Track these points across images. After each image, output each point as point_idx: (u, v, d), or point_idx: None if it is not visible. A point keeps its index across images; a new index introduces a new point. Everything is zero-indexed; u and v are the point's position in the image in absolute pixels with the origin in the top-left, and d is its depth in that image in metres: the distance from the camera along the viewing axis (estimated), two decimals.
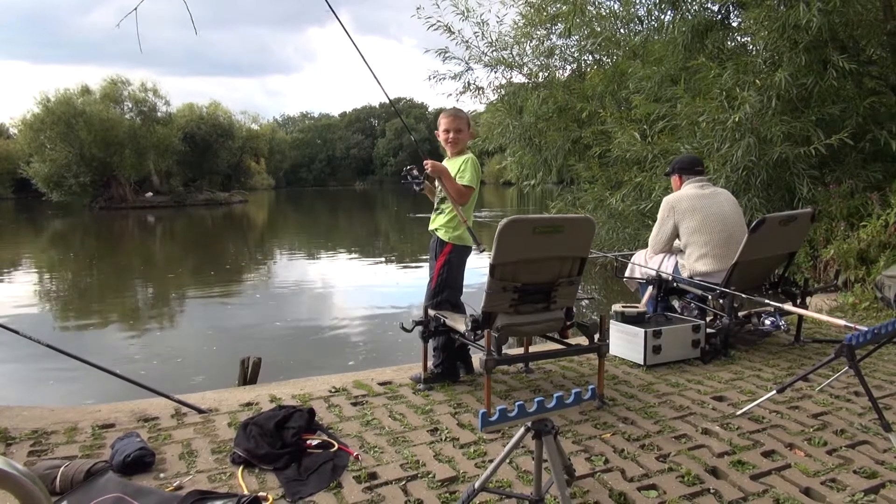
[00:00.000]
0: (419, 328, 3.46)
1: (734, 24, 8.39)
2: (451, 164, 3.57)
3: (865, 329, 2.58)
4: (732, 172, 6.69)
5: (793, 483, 2.33)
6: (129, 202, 36.46)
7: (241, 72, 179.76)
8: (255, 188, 54.42)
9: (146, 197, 37.77)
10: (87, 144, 34.81)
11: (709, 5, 8.35)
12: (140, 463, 2.48)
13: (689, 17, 8.14)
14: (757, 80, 6.55)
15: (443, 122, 3.62)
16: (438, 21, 10.18)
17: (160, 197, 38.16)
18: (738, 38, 8.35)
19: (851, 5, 6.42)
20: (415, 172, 3.64)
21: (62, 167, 34.77)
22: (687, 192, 4.25)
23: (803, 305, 4.17)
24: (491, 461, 2.45)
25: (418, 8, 10.11)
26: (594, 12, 9.86)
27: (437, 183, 3.63)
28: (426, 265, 3.87)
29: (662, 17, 9.18)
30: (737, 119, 6.35)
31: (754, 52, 7.17)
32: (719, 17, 8.25)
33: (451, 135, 3.58)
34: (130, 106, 38.04)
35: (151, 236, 23.86)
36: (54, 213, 32.52)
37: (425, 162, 3.43)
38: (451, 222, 3.56)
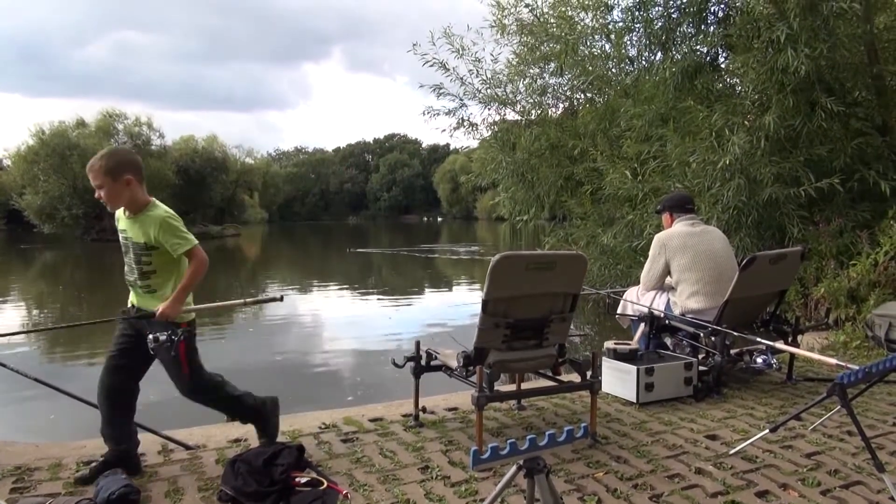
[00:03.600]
0: (410, 364, 3.44)
1: (723, 66, 8.55)
2: (133, 227, 2.83)
3: (857, 368, 2.59)
4: (723, 212, 6.75)
5: None
6: None
7: (236, 106, 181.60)
8: (248, 222, 54.47)
9: None
10: (81, 177, 34.71)
11: (697, 47, 8.52)
12: (125, 501, 2.43)
13: (679, 58, 8.30)
14: (746, 122, 6.65)
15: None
16: (434, 58, 10.32)
17: None
18: (727, 79, 8.50)
19: (837, 50, 6.58)
20: (161, 337, 2.66)
21: (55, 199, 34.76)
22: (678, 229, 4.28)
23: (795, 344, 4.17)
24: (482, 500, 2.41)
25: (415, 44, 10.25)
26: (586, 52, 10.04)
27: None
28: (418, 299, 3.86)
29: (652, 57, 9.36)
30: (727, 161, 6.44)
31: (743, 94, 7.30)
32: (708, 59, 8.41)
33: (98, 193, 2.77)
34: (125, 139, 38.23)
35: None
36: (28, 246, 32.23)
37: (157, 315, 2.70)
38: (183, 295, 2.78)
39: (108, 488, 2.44)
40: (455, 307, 12.12)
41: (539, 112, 10.78)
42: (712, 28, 8.55)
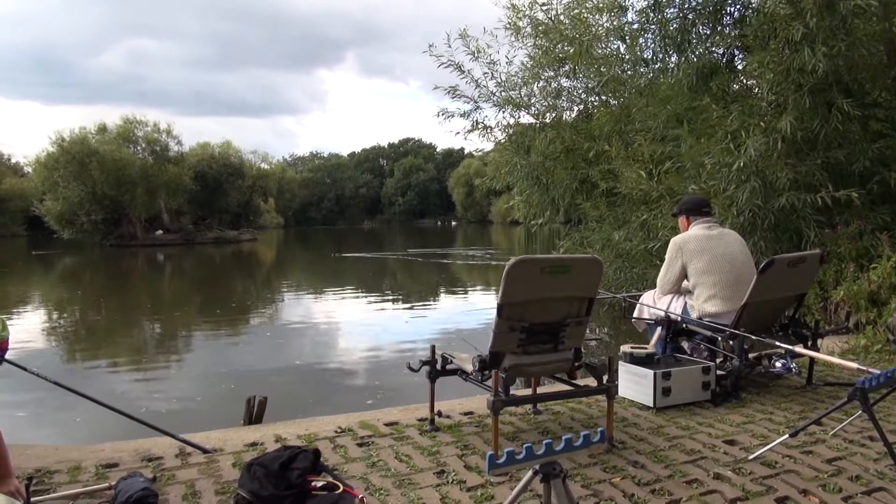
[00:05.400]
0: (426, 368, 3.44)
1: (739, 67, 8.49)
2: None
3: (878, 372, 2.55)
4: (738, 215, 6.69)
5: None
6: (139, 240, 36.77)
7: (250, 112, 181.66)
8: (264, 227, 54.85)
9: (156, 235, 38.07)
10: (100, 183, 35.32)
11: (713, 49, 8.46)
12: None
13: (694, 59, 8.25)
14: (762, 123, 6.60)
15: None
16: (450, 60, 10.34)
17: (170, 235, 38.45)
18: (744, 80, 8.44)
19: (856, 49, 6.51)
20: None
21: (74, 205, 35.26)
22: (695, 232, 4.25)
23: (814, 348, 4.12)
24: None
25: (431, 45, 10.27)
26: (601, 53, 10.01)
27: None
28: (434, 304, 3.84)
29: (668, 59, 9.32)
30: (741, 164, 6.39)
31: (759, 95, 7.24)
32: (724, 60, 8.35)
33: None
34: (143, 146, 38.69)
35: (160, 274, 23.97)
36: (40, 252, 32.59)
37: None
38: None
39: (127, 491, 2.46)
40: (470, 312, 12.12)
41: (554, 115, 10.77)
42: (728, 29, 8.49)
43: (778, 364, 3.88)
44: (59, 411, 5.58)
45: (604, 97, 10.61)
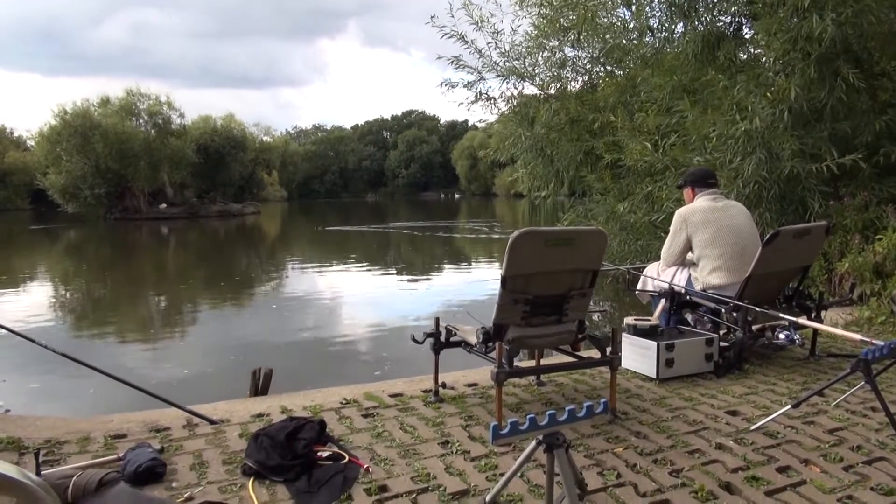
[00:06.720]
0: (430, 340, 3.45)
1: (746, 36, 8.36)
2: None
3: (882, 343, 2.56)
4: (744, 187, 6.64)
5: (808, 499, 2.29)
6: (143, 213, 36.79)
7: (252, 84, 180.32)
8: (267, 200, 54.76)
9: (160, 208, 38.08)
10: (103, 156, 35.25)
11: (720, 17, 8.32)
12: (151, 473, 2.48)
13: (701, 28, 8.13)
14: (769, 93, 6.52)
15: None
16: (453, 30, 10.19)
17: (174, 208, 38.47)
18: (751, 49, 8.32)
19: (865, 16, 6.39)
20: None
21: (78, 179, 35.25)
22: (700, 204, 4.23)
23: (818, 319, 4.12)
24: (502, 475, 2.43)
25: (433, 16, 10.10)
26: (606, 22, 9.85)
27: None
28: (438, 276, 3.83)
29: (674, 27, 9.17)
30: (743, 129, 6.31)
31: (767, 65, 7.14)
32: (731, 29, 8.22)
33: None
34: (146, 119, 38.52)
35: (164, 247, 24.03)
36: (38, 227, 32.65)
37: None
38: None
39: (136, 461, 2.50)
40: (473, 284, 12.15)
41: (558, 86, 10.64)
42: None
43: (781, 336, 3.89)
44: (68, 383, 5.64)
45: (609, 67, 10.46)
